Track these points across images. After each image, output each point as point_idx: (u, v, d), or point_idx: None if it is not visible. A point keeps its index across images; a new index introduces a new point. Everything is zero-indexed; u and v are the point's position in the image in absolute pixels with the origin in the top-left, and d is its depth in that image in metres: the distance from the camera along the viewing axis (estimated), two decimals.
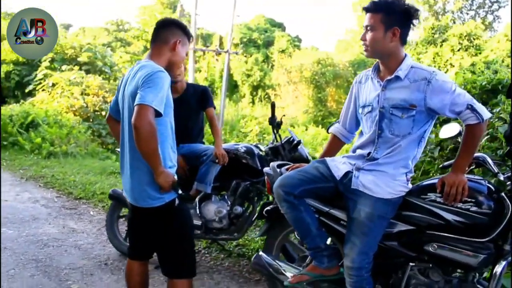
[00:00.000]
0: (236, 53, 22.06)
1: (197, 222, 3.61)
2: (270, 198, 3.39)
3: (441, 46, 15.09)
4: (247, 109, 29.61)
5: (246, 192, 3.71)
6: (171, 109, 2.37)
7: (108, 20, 36.05)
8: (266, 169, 2.87)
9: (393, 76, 2.25)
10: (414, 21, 2.26)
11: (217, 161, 3.52)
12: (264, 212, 2.89)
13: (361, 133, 2.51)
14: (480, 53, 15.74)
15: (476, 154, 2.36)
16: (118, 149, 2.67)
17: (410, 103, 2.21)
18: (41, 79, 14.74)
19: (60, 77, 13.68)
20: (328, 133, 2.78)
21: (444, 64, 14.25)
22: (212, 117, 3.84)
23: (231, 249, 4.09)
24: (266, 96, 31.02)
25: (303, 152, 3.75)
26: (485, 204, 2.15)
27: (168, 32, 2.38)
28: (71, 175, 7.15)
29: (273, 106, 3.76)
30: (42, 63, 15.76)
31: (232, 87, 33.54)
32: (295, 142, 3.71)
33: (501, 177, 2.24)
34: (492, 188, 2.23)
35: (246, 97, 32.36)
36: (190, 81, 17.65)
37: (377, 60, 2.38)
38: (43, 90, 13.99)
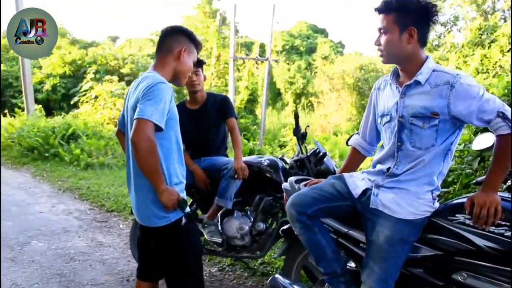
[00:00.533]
0: (276, 61, 21.97)
1: (217, 239, 3.47)
2: None
3: (489, 47, 14.36)
4: (289, 117, 29.43)
5: (269, 208, 3.54)
6: (176, 122, 2.24)
7: (153, 31, 36.90)
8: (284, 185, 2.69)
9: (412, 81, 2.02)
10: (434, 19, 2.01)
11: (235, 176, 3.36)
12: (280, 232, 2.71)
13: (382, 146, 2.28)
14: None
15: None
16: None
17: (432, 110, 1.96)
18: (86, 90, 15.14)
19: (102, 89, 13.98)
20: (347, 145, 2.56)
21: (493, 67, 13.54)
22: (233, 128, 3.67)
23: (255, 267, 3.91)
24: (308, 104, 30.75)
25: (330, 165, 3.54)
26: None
27: (172, 41, 2.26)
28: (105, 187, 7.20)
29: (296, 116, 3.57)
30: (87, 75, 16.21)
31: (276, 95, 33.48)
32: (321, 154, 3.51)
33: None
34: None
35: (289, 105, 32.18)
36: (231, 90, 17.69)
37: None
38: (86, 102, 14.35)
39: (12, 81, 18.72)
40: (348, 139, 2.56)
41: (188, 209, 2.23)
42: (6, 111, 14.84)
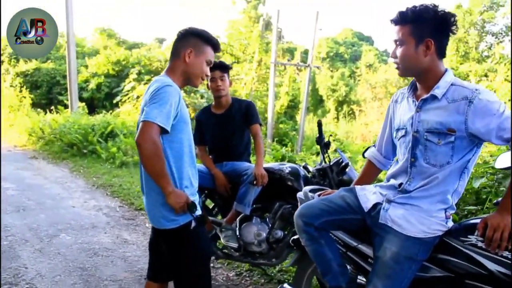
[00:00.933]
0: (318, 67, 21.80)
1: (233, 244, 3.46)
2: None
3: None
4: (331, 125, 29.16)
5: (288, 216, 3.49)
6: (186, 124, 2.23)
7: None
8: (299, 194, 2.66)
9: (428, 95, 1.94)
10: (452, 29, 1.91)
11: (255, 182, 3.34)
12: (290, 242, 2.67)
13: (397, 160, 2.20)
14: None
15: None
16: None
17: (448, 127, 1.87)
18: (128, 90, 15.51)
19: (144, 89, 14.29)
20: (363, 157, 2.50)
21: None
22: (256, 134, 3.65)
23: (272, 274, 3.87)
24: (350, 112, 30.38)
25: (352, 175, 3.46)
26: None
27: (180, 45, 2.27)
28: (137, 185, 7.31)
29: (319, 125, 3.52)
30: (130, 75, 16.61)
31: (318, 102, 33.28)
32: (343, 164, 3.44)
33: None
34: None
35: (330, 112, 31.91)
36: (271, 95, 17.69)
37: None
38: (128, 101, 14.69)
39: (60, 79, 19.44)
40: (365, 151, 2.50)
41: (199, 212, 2.22)
42: (52, 107, 15.39)
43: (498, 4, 28.72)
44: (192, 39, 2.26)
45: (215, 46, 2.33)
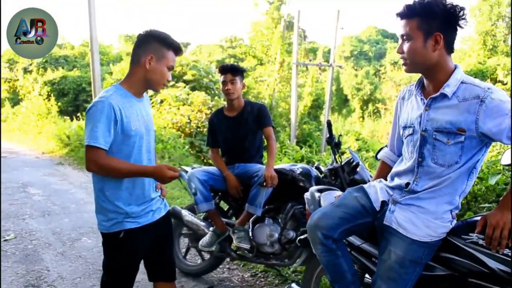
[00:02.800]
0: (340, 67, 21.65)
1: (245, 245, 3.48)
2: None
3: None
4: (356, 124, 28.91)
5: (300, 216, 3.50)
6: (129, 137, 2.18)
7: (222, 37, 37.63)
8: (305, 194, 2.67)
9: (438, 93, 1.88)
10: (461, 23, 1.84)
11: (264, 183, 3.36)
12: (297, 242, 2.67)
13: (401, 158, 2.15)
14: None
15: None
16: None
17: (458, 126, 1.82)
18: (151, 95, 15.71)
19: (168, 94, 14.45)
20: (377, 159, 2.45)
21: None
22: (269, 137, 3.68)
23: (287, 275, 3.88)
24: (375, 111, 30.07)
25: (364, 175, 3.44)
26: None
27: (140, 51, 2.19)
28: None
29: (329, 125, 3.52)
30: None
31: (342, 101, 33.04)
32: (354, 163, 3.43)
33: None
34: None
35: (356, 111, 31.65)
36: (293, 96, 17.67)
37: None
38: (152, 106, 14.88)
39: (86, 86, 19.83)
40: (377, 153, 2.45)
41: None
42: (78, 114, 15.73)
43: None
44: (153, 44, 2.18)
45: (176, 50, 2.26)
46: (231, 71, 3.64)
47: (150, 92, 15.99)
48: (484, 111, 1.77)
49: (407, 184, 2.00)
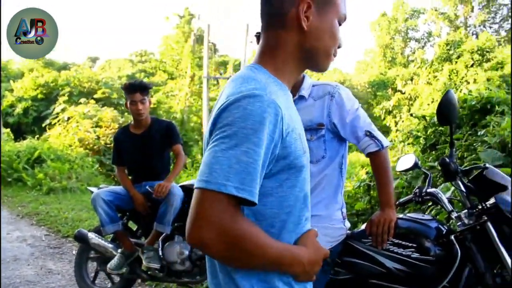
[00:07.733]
0: None
1: (155, 265, 3.38)
2: None
3: (456, 62, 14.59)
4: None
5: None
6: (300, 171, 1.07)
7: (132, 52, 36.77)
8: None
9: (297, 96, 2.00)
10: None
11: (154, 193, 3.35)
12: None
13: None
14: (502, 68, 15.18)
15: (430, 190, 2.07)
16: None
17: (317, 122, 1.98)
18: (58, 113, 14.97)
19: (75, 111, 13.86)
20: None
21: (461, 81, 13.72)
22: (177, 154, 3.67)
23: None
24: None
25: None
26: (429, 250, 1.86)
27: None
28: (65, 211, 7.06)
29: None
30: (60, 98, 16.07)
31: None
32: None
33: (454, 215, 1.95)
34: (443, 230, 1.94)
35: None
36: (205, 111, 17.65)
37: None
38: (59, 124, 14.17)
39: None
40: None
41: None
42: None
43: (418, 12, 30.39)
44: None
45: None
46: (141, 90, 3.53)
47: (62, 105, 15.40)
48: (334, 105, 1.97)
49: None
